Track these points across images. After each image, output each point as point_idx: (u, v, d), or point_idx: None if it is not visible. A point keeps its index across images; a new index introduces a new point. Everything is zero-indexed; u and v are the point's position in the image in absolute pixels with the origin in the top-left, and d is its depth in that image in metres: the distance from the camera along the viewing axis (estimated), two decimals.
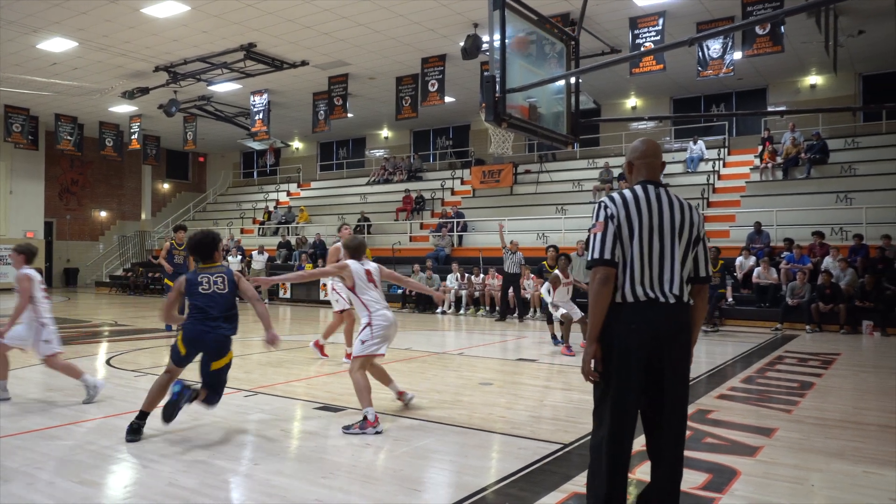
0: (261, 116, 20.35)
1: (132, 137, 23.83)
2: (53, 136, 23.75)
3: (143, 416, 4.92)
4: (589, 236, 2.92)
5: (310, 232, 23.05)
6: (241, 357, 8.81)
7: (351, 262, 5.52)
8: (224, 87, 19.78)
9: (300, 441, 5.02)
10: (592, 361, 2.89)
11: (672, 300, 2.84)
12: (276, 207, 26.82)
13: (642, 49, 13.78)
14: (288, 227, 24.48)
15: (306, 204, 26.17)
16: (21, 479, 4.02)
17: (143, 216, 30.26)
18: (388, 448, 4.83)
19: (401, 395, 5.93)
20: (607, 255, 2.82)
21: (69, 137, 23.75)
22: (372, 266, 5.63)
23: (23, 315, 5.98)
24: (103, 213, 28.98)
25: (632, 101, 21.86)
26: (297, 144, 29.57)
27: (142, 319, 14.31)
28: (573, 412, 5.83)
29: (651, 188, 2.94)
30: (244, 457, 4.60)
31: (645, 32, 14.14)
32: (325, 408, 5.96)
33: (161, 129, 25.22)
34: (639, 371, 2.81)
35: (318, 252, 20.69)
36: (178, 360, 4.97)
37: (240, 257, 21.01)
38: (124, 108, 22.57)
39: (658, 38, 13.97)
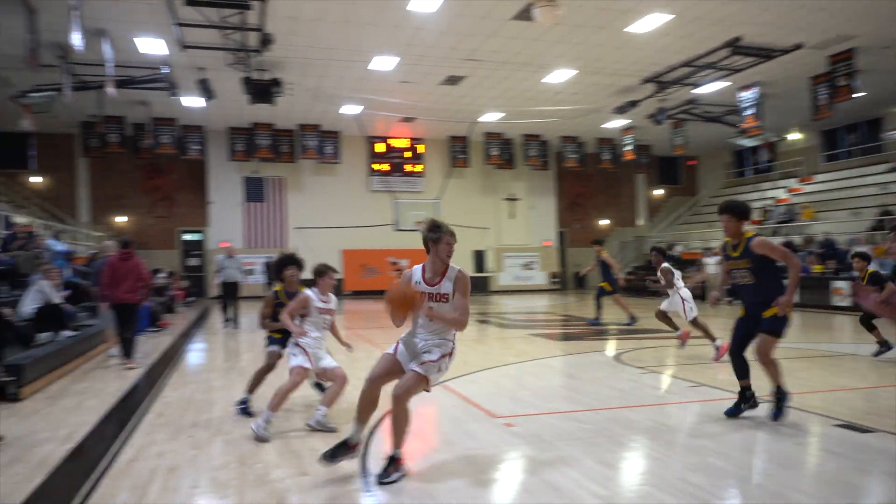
0: (751, 111, 19.39)
1: (625, 149, 25.50)
2: (560, 155, 27.14)
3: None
4: None
5: (816, 230, 20.90)
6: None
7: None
8: (710, 88, 19.48)
9: (818, 459, 4.62)
10: None
11: None
12: (774, 206, 25.11)
13: None
14: (790, 227, 22.65)
15: (810, 200, 23.78)
16: (554, 452, 4.72)
17: (639, 222, 31.94)
18: None
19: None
20: None
21: (573, 155, 26.81)
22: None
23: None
24: (604, 222, 31.65)
25: None
26: (794, 136, 27.15)
27: (644, 320, 15.08)
28: None
29: None
30: (755, 465, 4.48)
31: None
32: (849, 426, 5.30)
33: (651, 137, 26.33)
34: None
35: (827, 253, 18.58)
36: None
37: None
38: (617, 123, 24.30)
39: None
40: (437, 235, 4.35)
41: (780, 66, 17.69)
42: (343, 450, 4.27)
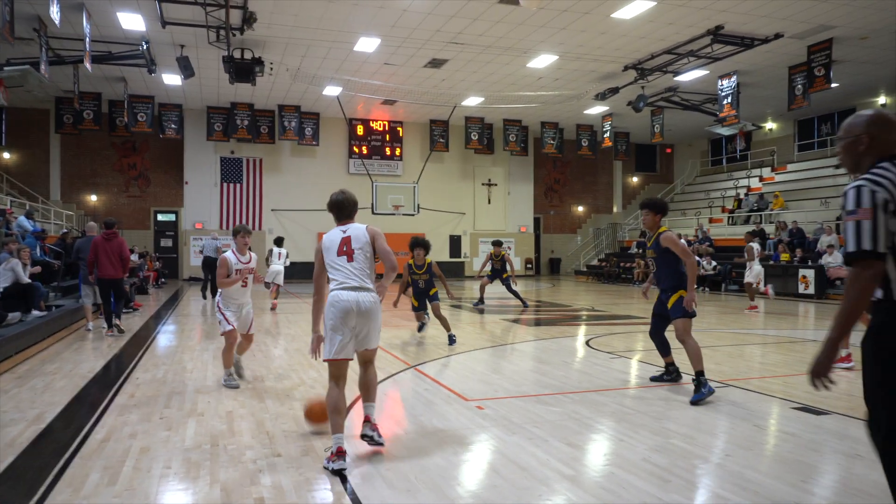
0: (729, 100, 19.62)
1: (604, 136, 25.68)
2: (539, 141, 27.25)
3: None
4: (847, 224, 2.48)
5: (786, 219, 21.27)
6: (712, 348, 8.76)
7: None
8: (690, 76, 19.68)
9: (776, 440, 4.77)
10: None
11: None
12: (746, 194, 25.50)
13: None
14: (761, 215, 23.03)
15: (782, 189, 24.19)
16: (523, 434, 4.83)
17: (615, 209, 32.24)
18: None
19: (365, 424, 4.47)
20: (881, 248, 2.42)
21: (552, 141, 26.91)
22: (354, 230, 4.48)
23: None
24: (580, 208, 31.88)
25: None
26: (770, 125, 27.54)
27: (615, 306, 15.30)
28: None
29: None
30: (715, 446, 4.62)
31: None
32: (806, 409, 5.52)
33: (630, 125, 26.53)
34: None
35: (795, 242, 18.97)
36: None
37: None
38: (597, 109, 24.43)
39: None
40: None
41: (760, 56, 17.93)
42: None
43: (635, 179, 32.98)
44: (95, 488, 3.81)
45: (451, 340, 9.11)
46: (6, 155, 23.84)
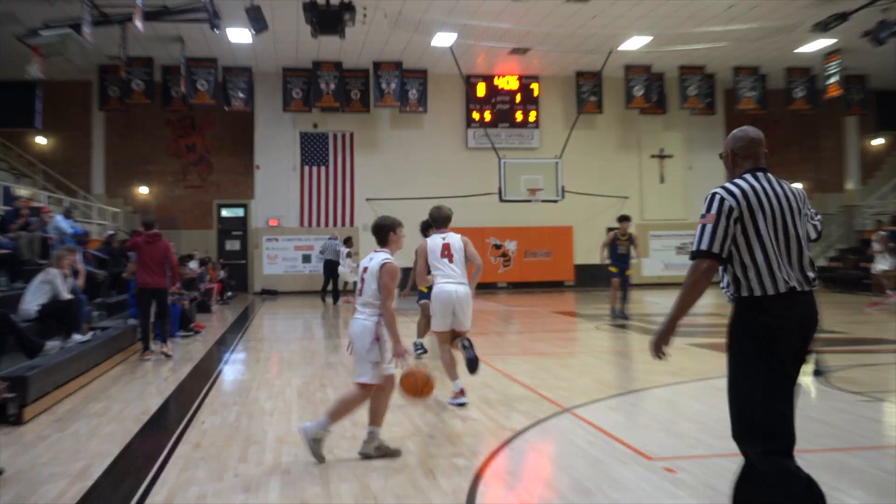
0: None
1: (828, 82, 24.33)
2: (732, 94, 26.24)
3: None
4: (699, 225, 3.69)
5: None
6: None
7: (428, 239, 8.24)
8: None
9: None
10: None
11: (807, 287, 3.78)
12: None
13: None
14: None
15: None
16: None
17: (849, 185, 30.42)
18: None
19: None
20: (716, 249, 3.61)
21: (751, 94, 25.92)
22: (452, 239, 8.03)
23: None
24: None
25: None
26: None
27: (858, 325, 14.44)
28: None
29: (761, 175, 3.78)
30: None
31: None
32: None
33: (868, 64, 25.00)
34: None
35: None
36: None
37: None
38: (816, 45, 23.25)
39: None
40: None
41: None
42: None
43: (880, 142, 31.00)
44: None
45: (416, 348, 10.76)
46: (42, 140, 25.74)
